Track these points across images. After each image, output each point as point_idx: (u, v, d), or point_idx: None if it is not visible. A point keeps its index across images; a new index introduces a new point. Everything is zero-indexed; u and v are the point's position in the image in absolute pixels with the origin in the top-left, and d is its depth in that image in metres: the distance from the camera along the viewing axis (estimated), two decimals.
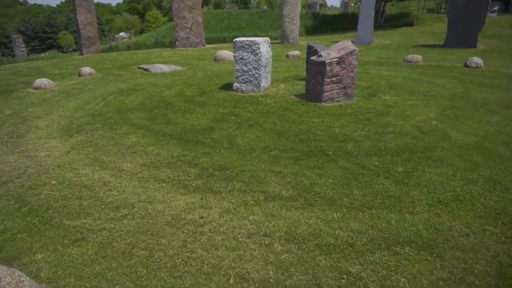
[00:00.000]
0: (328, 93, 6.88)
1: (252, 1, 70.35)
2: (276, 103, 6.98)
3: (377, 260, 2.64)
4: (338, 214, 3.24)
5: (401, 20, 24.54)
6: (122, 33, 54.97)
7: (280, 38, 20.03)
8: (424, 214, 3.22)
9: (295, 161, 4.38)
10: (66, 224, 3.14)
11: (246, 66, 7.65)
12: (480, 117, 5.98)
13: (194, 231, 3.03)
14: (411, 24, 23.27)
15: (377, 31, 22.22)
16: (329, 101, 6.93)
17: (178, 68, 11.71)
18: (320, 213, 3.25)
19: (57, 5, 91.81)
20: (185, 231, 3.03)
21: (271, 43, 8.30)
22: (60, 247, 2.83)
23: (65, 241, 2.90)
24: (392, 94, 7.46)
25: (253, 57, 7.52)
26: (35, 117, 6.43)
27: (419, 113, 6.20)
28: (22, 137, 5.42)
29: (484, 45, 16.02)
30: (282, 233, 2.98)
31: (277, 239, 2.90)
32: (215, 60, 13.19)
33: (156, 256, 2.72)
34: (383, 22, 25.96)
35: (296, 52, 14.15)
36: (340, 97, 7.04)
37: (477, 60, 10.76)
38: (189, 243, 2.87)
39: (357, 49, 6.96)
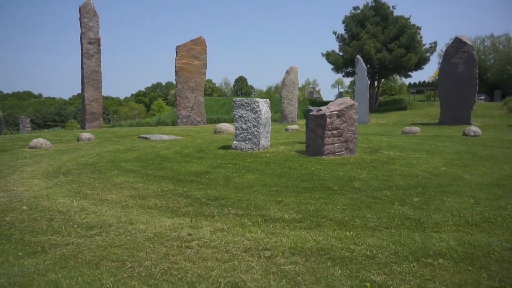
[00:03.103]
0: (329, 146, 6.67)
1: (252, 95, 75.20)
2: (276, 156, 6.73)
3: (406, 271, 2.10)
4: (351, 232, 2.73)
5: (395, 105, 25.74)
6: None
7: (279, 119, 20.68)
8: (452, 233, 2.72)
9: (297, 194, 3.95)
10: (27, 240, 2.62)
11: (245, 124, 7.59)
12: (491, 165, 5.67)
13: (179, 245, 2.50)
14: (404, 108, 24.33)
15: (372, 114, 23.09)
16: (330, 154, 6.69)
17: (178, 137, 11.75)
18: (330, 232, 2.75)
19: (69, 98, 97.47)
20: (168, 245, 2.50)
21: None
22: (11, 259, 2.29)
23: (19, 254, 2.37)
24: (395, 151, 7.25)
25: (253, 115, 7.51)
26: (23, 165, 6.11)
27: (425, 163, 5.90)
28: (4, 177, 5.03)
29: (477, 122, 16.43)
30: (286, 247, 2.45)
31: (280, 253, 2.37)
32: (215, 132, 13.34)
33: (129, 265, 2.17)
34: (377, 106, 27.20)
35: (295, 126, 14.40)
36: (342, 151, 6.82)
37: (475, 129, 10.82)
38: (172, 255, 2.33)
39: (356, 103, 6.99)
